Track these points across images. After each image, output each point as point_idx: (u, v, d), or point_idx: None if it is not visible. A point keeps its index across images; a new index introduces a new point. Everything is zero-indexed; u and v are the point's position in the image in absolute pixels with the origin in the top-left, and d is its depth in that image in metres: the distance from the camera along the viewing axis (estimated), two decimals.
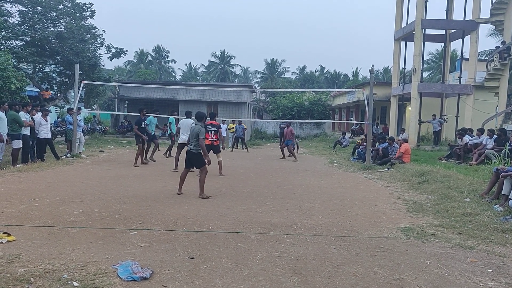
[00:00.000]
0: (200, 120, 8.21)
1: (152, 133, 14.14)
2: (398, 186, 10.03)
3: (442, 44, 24.87)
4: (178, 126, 13.28)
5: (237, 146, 22.12)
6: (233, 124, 22.66)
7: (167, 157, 15.38)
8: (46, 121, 12.76)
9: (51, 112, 15.33)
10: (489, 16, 20.22)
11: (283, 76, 63.78)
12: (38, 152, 12.68)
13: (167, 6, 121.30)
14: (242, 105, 28.59)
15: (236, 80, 64.75)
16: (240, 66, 69.35)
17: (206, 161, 7.86)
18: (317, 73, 66.45)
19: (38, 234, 5.09)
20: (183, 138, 11.95)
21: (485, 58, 25.13)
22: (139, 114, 13.38)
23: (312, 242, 5.19)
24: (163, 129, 17.88)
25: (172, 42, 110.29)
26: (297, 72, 67.83)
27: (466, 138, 14.40)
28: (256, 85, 60.23)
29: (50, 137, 13.28)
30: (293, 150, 17.20)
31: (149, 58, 64.29)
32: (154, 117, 14.50)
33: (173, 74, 66.84)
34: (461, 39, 22.36)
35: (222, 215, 6.45)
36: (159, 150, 15.12)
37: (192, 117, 11.30)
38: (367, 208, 7.43)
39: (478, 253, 4.93)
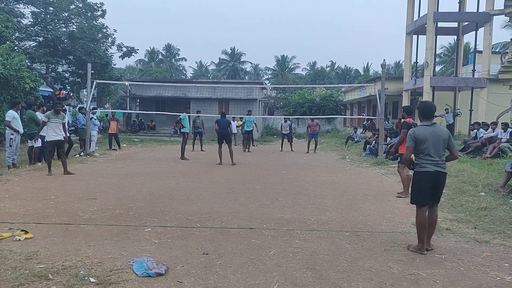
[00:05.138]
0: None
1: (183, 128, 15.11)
2: None
3: (455, 37, 24.50)
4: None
5: (248, 145, 19.54)
6: (241, 121, 20.25)
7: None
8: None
9: (67, 111, 15.85)
10: (503, 8, 19.76)
11: (293, 72, 63.48)
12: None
13: (177, 4, 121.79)
14: (253, 102, 28.60)
15: (246, 77, 64.65)
16: (251, 63, 69.19)
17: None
18: (328, 68, 66.02)
19: (54, 231, 5.17)
20: (53, 136, 9.96)
21: (500, 51, 24.69)
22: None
23: (326, 238, 5.18)
24: (174, 126, 18.06)
25: (183, 40, 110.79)
26: (308, 68, 67.55)
27: (481, 131, 14.24)
28: (267, 81, 60.11)
29: (69, 135, 13.64)
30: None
31: (160, 56, 64.53)
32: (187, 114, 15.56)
33: (184, 72, 67.08)
34: (474, 32, 22.02)
35: (235, 212, 6.47)
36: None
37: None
38: (380, 203, 7.38)
39: (494, 248, 4.87)
